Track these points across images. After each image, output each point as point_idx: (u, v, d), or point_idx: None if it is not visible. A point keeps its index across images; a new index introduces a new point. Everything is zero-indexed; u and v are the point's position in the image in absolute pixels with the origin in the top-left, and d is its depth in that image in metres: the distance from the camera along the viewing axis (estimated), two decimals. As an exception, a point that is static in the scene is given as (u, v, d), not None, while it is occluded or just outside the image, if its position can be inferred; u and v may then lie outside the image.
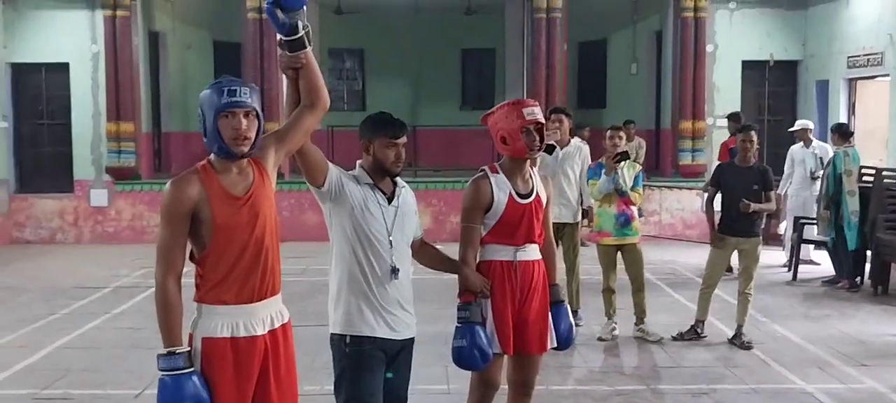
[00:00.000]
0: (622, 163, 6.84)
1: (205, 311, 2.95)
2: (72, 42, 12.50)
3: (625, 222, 6.89)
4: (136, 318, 7.75)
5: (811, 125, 10.37)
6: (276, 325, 3.05)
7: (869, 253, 9.03)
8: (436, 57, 16.71)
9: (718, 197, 6.98)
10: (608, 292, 7.05)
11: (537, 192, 4.05)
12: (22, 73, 12.69)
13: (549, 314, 4.10)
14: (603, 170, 6.87)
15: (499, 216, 3.95)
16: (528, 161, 4.08)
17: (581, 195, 7.29)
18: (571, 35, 13.72)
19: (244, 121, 2.91)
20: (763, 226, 7.13)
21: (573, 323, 4.25)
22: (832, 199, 9.04)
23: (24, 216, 12.69)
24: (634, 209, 7.00)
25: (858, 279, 9.12)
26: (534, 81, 12.82)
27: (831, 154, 9.42)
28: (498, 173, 4.01)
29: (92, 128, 12.61)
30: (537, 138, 3.98)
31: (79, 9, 12.46)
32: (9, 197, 12.60)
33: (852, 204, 8.90)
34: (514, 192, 3.97)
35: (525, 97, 12.95)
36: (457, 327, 3.87)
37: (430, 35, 16.47)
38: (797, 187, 10.07)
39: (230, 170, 2.97)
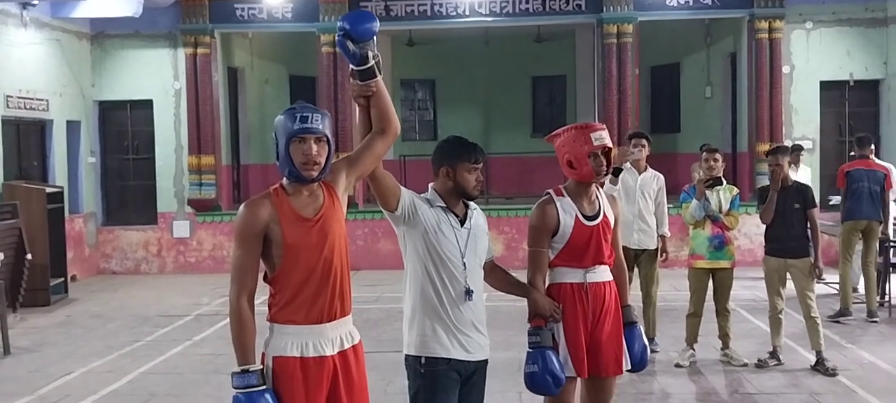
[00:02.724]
0: (716, 187, 6.76)
1: (276, 331, 3.02)
2: (155, 79, 13.02)
3: (719, 245, 6.77)
4: (216, 345, 7.95)
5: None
6: (346, 346, 3.10)
7: None
8: (506, 85, 16.77)
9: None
10: (694, 317, 6.91)
11: (604, 213, 4.03)
12: (108, 110, 13.27)
13: (623, 335, 4.06)
14: (695, 194, 6.79)
15: (567, 239, 3.93)
16: (595, 182, 4.06)
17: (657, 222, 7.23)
18: (643, 59, 13.61)
19: (315, 147, 2.99)
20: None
21: (647, 344, 4.19)
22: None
23: (111, 247, 13.18)
24: (730, 233, 6.87)
25: None
26: (605, 107, 12.75)
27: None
28: (563, 196, 4.00)
29: (174, 161, 13.07)
30: (605, 163, 3.95)
31: (162, 47, 12.98)
32: (96, 229, 13.12)
33: None
34: (580, 215, 3.95)
35: (597, 123, 12.96)
36: (528, 352, 3.85)
37: (501, 63, 16.54)
38: None
39: (301, 192, 3.05)
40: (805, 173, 10.21)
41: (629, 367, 4.08)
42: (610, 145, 3.96)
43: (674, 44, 14.81)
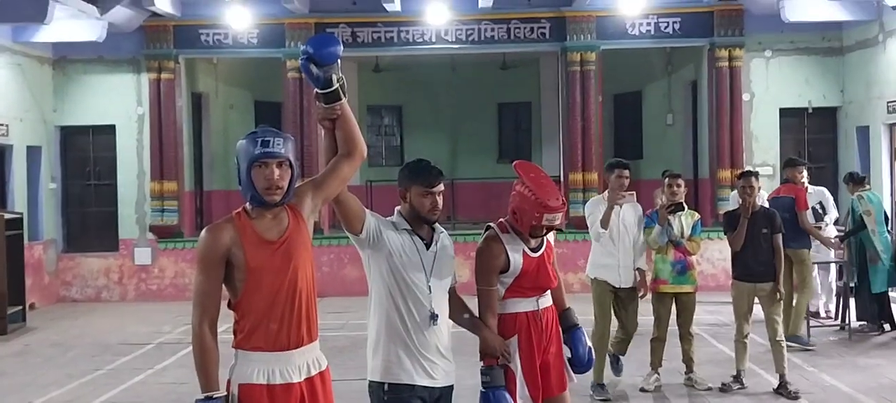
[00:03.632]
0: (678, 213, 6.84)
1: (241, 358, 2.99)
2: (118, 104, 12.89)
3: (682, 270, 6.84)
4: (178, 373, 7.83)
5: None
6: (314, 373, 3.07)
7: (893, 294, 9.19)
8: (472, 111, 16.85)
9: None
10: (658, 342, 6.95)
11: (547, 240, 4.07)
12: (70, 136, 13.10)
13: (565, 341, 4.10)
14: (657, 220, 6.86)
15: (517, 274, 3.94)
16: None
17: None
18: (607, 87, 13.78)
19: (277, 171, 2.98)
20: None
21: (590, 345, 4.20)
22: (855, 241, 9.07)
23: (71, 275, 12.95)
24: (693, 258, 6.94)
25: (885, 324, 9.03)
26: (570, 134, 12.87)
27: (827, 198, 9.62)
28: (508, 231, 3.98)
29: (137, 187, 12.92)
30: (545, 232, 3.97)
31: (125, 72, 12.88)
32: (57, 256, 12.89)
33: (878, 243, 8.81)
34: (527, 248, 3.97)
35: (562, 149, 13.10)
36: (481, 392, 3.84)
37: (467, 90, 16.63)
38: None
39: (264, 216, 3.03)
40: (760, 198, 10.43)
41: (573, 380, 4.11)
42: (558, 226, 3.96)
43: (636, 72, 15.01)
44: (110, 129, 12.93)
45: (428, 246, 3.57)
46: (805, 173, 8.97)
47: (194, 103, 13.82)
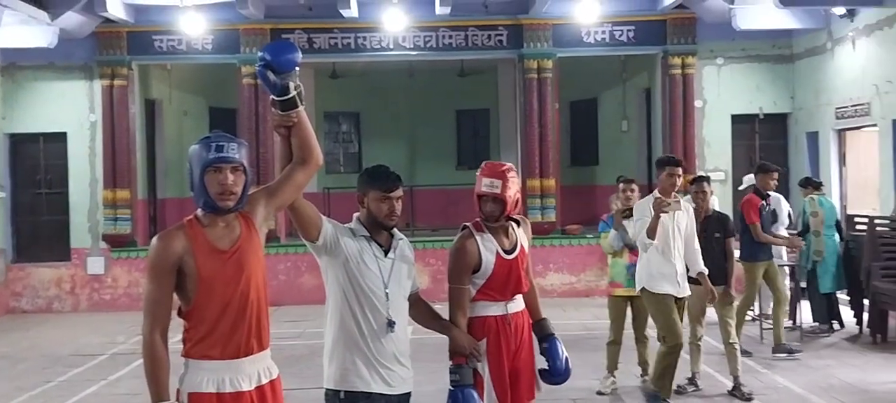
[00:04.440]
0: (631, 218, 6.91)
1: (191, 366, 2.96)
2: (70, 112, 12.66)
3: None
4: (132, 384, 7.70)
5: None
6: (264, 382, 3.04)
7: (839, 295, 9.47)
8: (431, 118, 16.89)
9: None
10: (614, 345, 7.03)
11: (521, 244, 4.08)
12: (20, 143, 12.82)
13: (542, 351, 4.10)
14: (613, 225, 6.93)
15: (489, 275, 3.95)
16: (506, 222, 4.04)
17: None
18: (563, 94, 13.90)
19: (231, 177, 2.95)
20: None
21: (566, 353, 4.19)
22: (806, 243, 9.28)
23: (22, 285, 12.67)
24: None
25: (834, 323, 9.25)
26: (527, 140, 12.96)
27: (782, 207, 9.76)
28: (483, 231, 4.00)
29: (89, 196, 12.70)
30: (496, 211, 3.94)
31: (77, 79, 12.65)
32: (6, 266, 12.59)
33: (816, 244, 9.07)
34: (500, 250, 3.98)
35: (520, 156, 13.17)
36: (449, 390, 3.84)
37: (425, 97, 16.67)
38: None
39: (216, 223, 3.00)
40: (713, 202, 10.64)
41: (553, 381, 4.11)
42: (498, 193, 3.91)
43: (592, 79, 15.19)
44: (61, 137, 12.69)
45: (386, 252, 3.56)
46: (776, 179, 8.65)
47: (148, 110, 13.63)
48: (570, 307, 11.63)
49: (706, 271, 6.32)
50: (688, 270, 6.31)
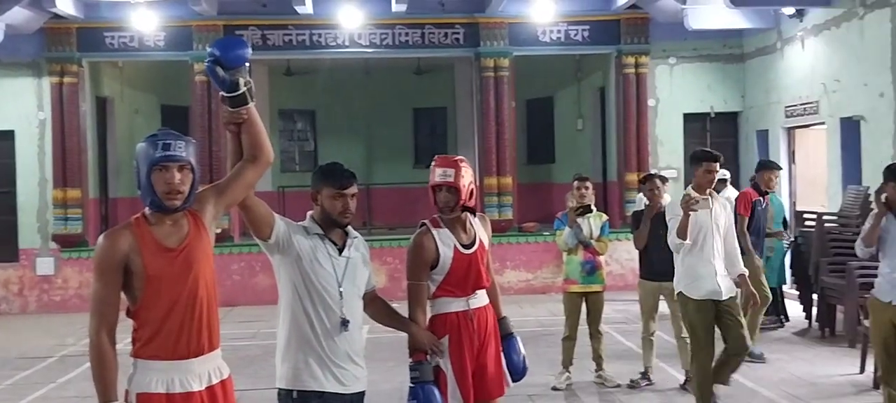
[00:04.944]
0: (587, 215, 6.97)
1: (140, 367, 2.91)
2: (17, 109, 12.37)
3: (591, 270, 6.99)
4: (82, 387, 7.55)
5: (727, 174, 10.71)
6: (215, 382, 3.01)
7: (785, 289, 9.73)
8: (388, 116, 16.86)
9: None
10: (569, 341, 7.09)
11: (480, 239, 4.10)
12: (-35, 142, 12.50)
13: (502, 349, 4.12)
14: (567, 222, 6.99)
15: (447, 270, 3.96)
16: (465, 212, 4.05)
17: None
18: (519, 93, 13.98)
19: (177, 175, 2.91)
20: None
21: (524, 352, 4.23)
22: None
23: (-33, 287, 12.36)
24: (601, 258, 7.08)
25: (781, 317, 9.47)
26: (484, 138, 13.00)
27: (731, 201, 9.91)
28: (440, 227, 4.01)
29: (38, 195, 12.43)
30: (452, 200, 3.97)
31: (25, 76, 12.37)
32: (-50, 268, 12.28)
33: (768, 241, 9.27)
34: (458, 244, 3.99)
35: (477, 154, 13.21)
36: (410, 387, 3.84)
37: (382, 95, 16.63)
38: None
39: (164, 222, 2.96)
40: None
41: (512, 379, 4.15)
42: (452, 182, 3.95)
43: (547, 78, 15.30)
44: (9, 135, 12.40)
45: (340, 251, 3.53)
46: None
47: (99, 108, 13.39)
48: (526, 304, 11.70)
49: (746, 272, 5.89)
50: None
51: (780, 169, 8.86)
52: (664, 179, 7.33)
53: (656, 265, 6.92)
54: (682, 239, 5.63)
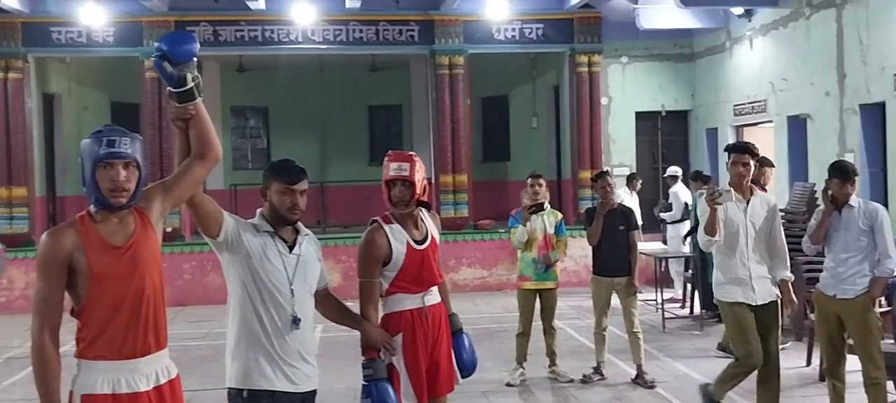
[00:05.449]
0: (540, 212, 7.01)
1: (84, 367, 2.85)
2: (-41, 105, 12.05)
3: (545, 267, 7.02)
4: (27, 389, 7.36)
5: (678, 171, 11.20)
6: (162, 381, 2.96)
7: None
8: (342, 114, 16.76)
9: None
10: (523, 337, 7.13)
11: (432, 236, 4.10)
12: None
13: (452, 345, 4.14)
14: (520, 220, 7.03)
15: (400, 266, 3.95)
16: (416, 207, 4.05)
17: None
18: (475, 91, 14.02)
19: (123, 173, 2.86)
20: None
21: (474, 348, 4.25)
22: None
23: None
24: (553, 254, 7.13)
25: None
26: (440, 136, 13.01)
27: (679, 197, 10.38)
28: (392, 223, 4.00)
29: (-19, 194, 12.12)
30: (407, 194, 3.98)
31: (-33, 71, 12.05)
32: None
33: None
34: (411, 240, 3.99)
35: (433, 152, 13.21)
36: (363, 385, 3.82)
37: (336, 92, 16.53)
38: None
39: (109, 219, 2.90)
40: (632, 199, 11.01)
41: (462, 375, 4.17)
42: (407, 176, 3.96)
43: (502, 76, 15.37)
44: (-50, 132, 12.07)
45: (291, 248, 3.49)
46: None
47: (45, 104, 13.12)
48: (481, 301, 11.74)
49: (791, 278, 5.32)
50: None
51: (773, 166, 8.81)
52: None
53: (609, 261, 7.01)
54: (710, 235, 5.18)
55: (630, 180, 11.71)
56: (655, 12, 12.17)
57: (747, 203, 5.24)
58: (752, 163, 5.24)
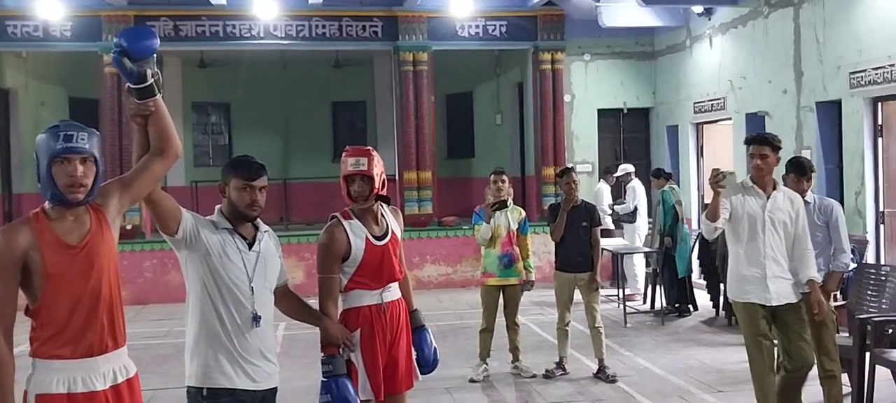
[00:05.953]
0: (503, 209, 7.03)
1: (39, 367, 2.81)
2: (-90, 100, 11.77)
3: (508, 263, 7.07)
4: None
5: (631, 168, 11.56)
6: (120, 380, 2.92)
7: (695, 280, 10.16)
8: (306, 110, 16.66)
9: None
10: (486, 333, 7.16)
11: (392, 231, 4.09)
12: None
13: (413, 341, 4.14)
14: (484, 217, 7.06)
15: (359, 262, 3.94)
16: (376, 202, 4.04)
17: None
18: (439, 87, 14.02)
19: (80, 168, 2.82)
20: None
21: (435, 344, 4.26)
22: (668, 232, 9.70)
23: None
24: (517, 250, 7.15)
25: (689, 306, 9.83)
26: (404, 133, 12.99)
27: (636, 193, 10.73)
28: (351, 218, 3.99)
29: (-66, 191, 11.85)
30: (365, 189, 3.96)
31: (-82, 65, 11.77)
32: None
33: (680, 231, 9.66)
34: (370, 236, 3.98)
35: (397, 148, 13.18)
36: (322, 381, 3.80)
37: (300, 88, 16.42)
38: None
39: (65, 217, 2.86)
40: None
41: (423, 371, 4.18)
42: (365, 171, 3.94)
43: (466, 73, 15.39)
44: None
45: (250, 245, 3.47)
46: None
47: (1, 100, 12.85)
48: (445, 297, 11.76)
49: (819, 279, 5.07)
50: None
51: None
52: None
53: (572, 257, 7.07)
54: (711, 220, 4.89)
55: (607, 173, 12.03)
56: (617, 10, 12.27)
57: (767, 197, 4.97)
58: (771, 155, 4.97)
